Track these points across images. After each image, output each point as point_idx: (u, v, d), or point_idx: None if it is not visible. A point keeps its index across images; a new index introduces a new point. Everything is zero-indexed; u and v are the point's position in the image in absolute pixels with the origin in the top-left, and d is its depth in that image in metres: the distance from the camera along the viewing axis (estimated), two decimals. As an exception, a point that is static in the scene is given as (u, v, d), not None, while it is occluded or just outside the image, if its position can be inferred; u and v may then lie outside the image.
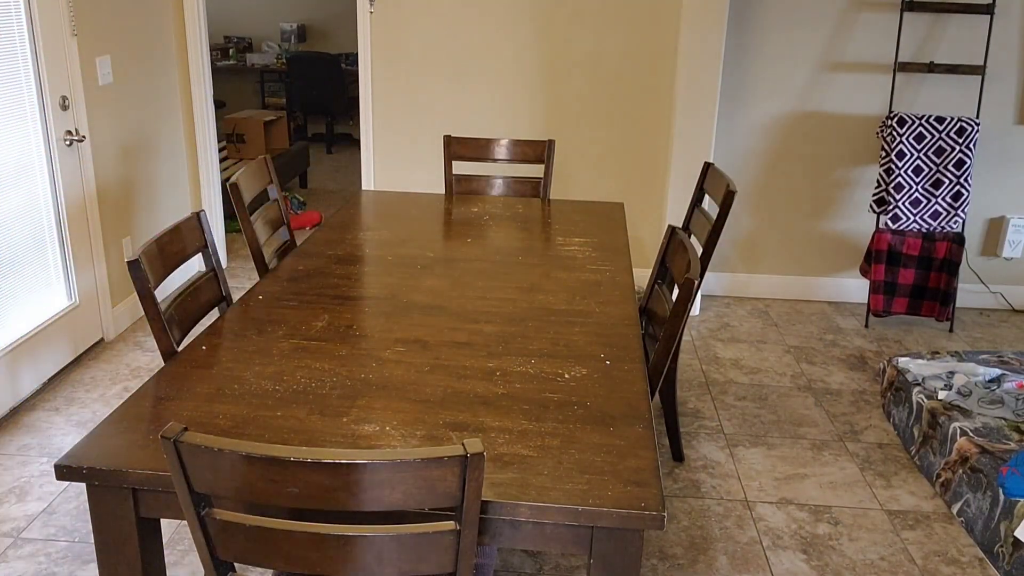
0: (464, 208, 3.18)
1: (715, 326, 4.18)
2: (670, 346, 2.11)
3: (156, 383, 1.79)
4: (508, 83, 4.31)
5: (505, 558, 2.50)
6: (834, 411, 3.40)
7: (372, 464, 1.21)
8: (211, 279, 2.27)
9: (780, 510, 2.77)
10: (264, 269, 2.63)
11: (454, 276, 2.46)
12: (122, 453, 1.53)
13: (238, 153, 5.98)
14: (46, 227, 3.36)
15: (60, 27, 3.32)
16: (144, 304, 1.96)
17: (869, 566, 2.52)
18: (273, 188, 2.86)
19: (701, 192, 3.01)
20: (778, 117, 4.29)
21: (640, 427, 1.67)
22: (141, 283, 1.95)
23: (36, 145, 3.27)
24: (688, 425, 3.26)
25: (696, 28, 3.93)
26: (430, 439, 1.61)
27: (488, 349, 1.99)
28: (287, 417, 1.67)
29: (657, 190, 4.45)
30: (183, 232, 2.20)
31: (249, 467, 1.23)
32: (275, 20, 8.23)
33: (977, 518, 2.62)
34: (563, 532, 1.48)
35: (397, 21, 4.25)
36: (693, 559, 2.52)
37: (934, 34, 4.13)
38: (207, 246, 2.30)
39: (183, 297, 2.14)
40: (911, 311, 4.17)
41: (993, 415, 2.86)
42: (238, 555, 1.34)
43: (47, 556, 2.44)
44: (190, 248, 2.22)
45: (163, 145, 4.24)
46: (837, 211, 4.42)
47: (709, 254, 2.76)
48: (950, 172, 4.01)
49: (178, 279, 4.33)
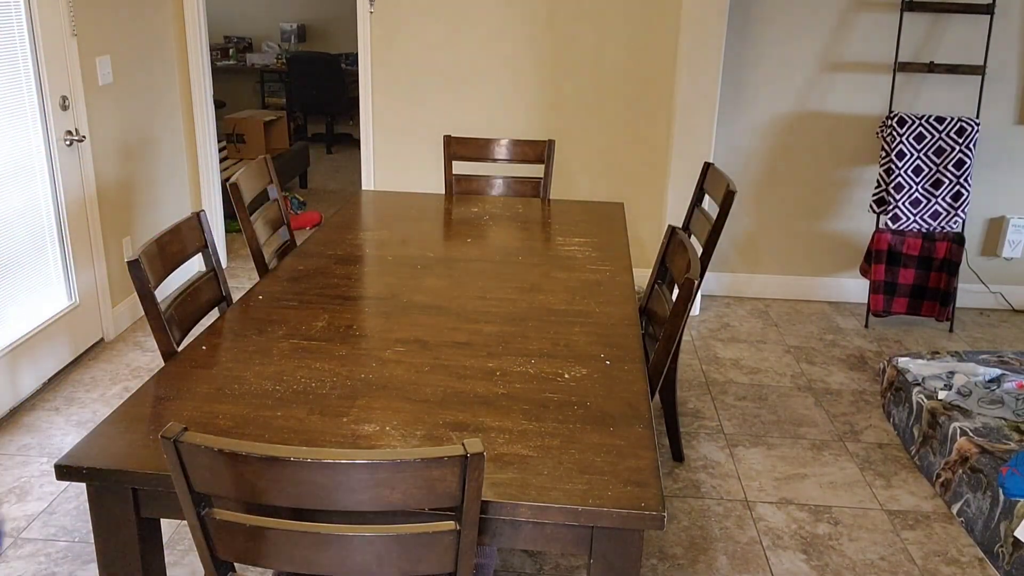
0: (464, 208, 3.18)
1: (715, 326, 4.18)
2: (670, 346, 2.11)
3: (156, 383, 1.79)
4: (508, 83, 4.31)
5: (505, 558, 2.50)
6: (834, 411, 3.40)
7: (372, 464, 1.21)
8: (211, 279, 2.27)
9: (780, 510, 2.77)
10: (264, 269, 2.63)
11: (454, 276, 2.46)
12: (122, 453, 1.53)
13: (238, 153, 5.98)
14: (46, 227, 3.36)
15: (60, 27, 3.32)
16: (144, 304, 1.97)
17: (869, 566, 2.52)
18: (273, 188, 2.87)
19: (701, 192, 3.01)
20: (778, 117, 4.29)
21: (640, 427, 1.67)
22: (141, 283, 1.95)
23: (36, 145, 3.27)
24: (688, 425, 3.26)
25: (696, 28, 3.93)
26: (430, 439, 1.61)
27: (488, 349, 1.99)
28: (287, 417, 1.67)
29: (657, 190, 4.45)
30: (183, 232, 2.20)
31: (249, 467, 1.23)
32: (275, 20, 8.23)
33: (977, 518, 2.62)
34: (563, 532, 1.48)
35: (397, 21, 4.25)
36: (693, 559, 2.52)
37: (934, 34, 4.13)
38: (207, 246, 2.30)
39: (183, 297, 2.15)
40: (911, 311, 4.17)
41: (993, 415, 2.86)
42: (238, 555, 1.34)
43: (47, 556, 2.44)
44: (190, 248, 2.22)
45: (163, 145, 4.24)
46: (837, 211, 4.42)
47: (709, 254, 2.76)
48: (950, 172, 4.01)
49: (178, 279, 4.33)
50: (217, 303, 2.29)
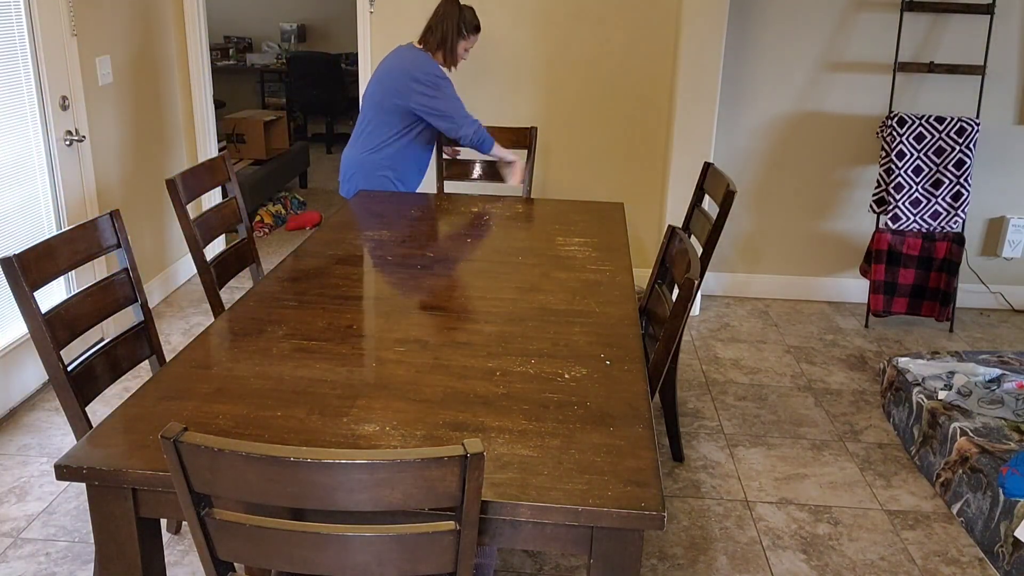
0: (464, 208, 3.18)
1: (715, 326, 4.18)
2: (670, 346, 2.11)
3: (156, 383, 1.79)
4: (508, 83, 4.31)
5: (505, 558, 2.50)
6: (834, 411, 3.40)
7: (372, 464, 1.21)
8: (125, 281, 2.16)
9: (780, 510, 2.77)
10: (204, 265, 2.57)
11: (454, 276, 2.46)
12: (122, 453, 1.53)
13: (238, 153, 5.98)
14: (46, 227, 3.36)
15: (60, 27, 3.32)
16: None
17: (869, 566, 2.52)
18: (232, 186, 2.83)
19: (701, 192, 3.01)
20: (778, 117, 4.29)
21: (640, 427, 1.67)
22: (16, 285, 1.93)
23: (36, 145, 3.27)
24: (688, 425, 3.26)
25: (696, 28, 3.93)
26: (430, 439, 1.61)
27: (488, 349, 1.99)
28: (287, 417, 1.67)
29: (657, 190, 4.45)
30: (89, 233, 2.17)
31: (249, 467, 1.23)
32: (275, 20, 8.23)
33: (977, 518, 2.62)
34: (563, 532, 1.48)
35: (397, 21, 4.25)
36: (693, 559, 2.52)
37: (934, 34, 4.13)
38: (120, 246, 2.17)
39: (78, 298, 2.03)
40: (911, 311, 4.17)
41: (993, 415, 2.86)
42: (238, 555, 1.34)
43: (47, 556, 2.44)
44: (95, 249, 2.13)
45: (163, 145, 4.24)
46: (837, 211, 4.42)
47: (709, 254, 2.76)
48: (950, 172, 4.01)
49: (181, 278, 4.32)
50: (128, 304, 2.18)
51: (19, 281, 1.85)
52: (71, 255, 2.02)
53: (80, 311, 2.02)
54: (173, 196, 2.53)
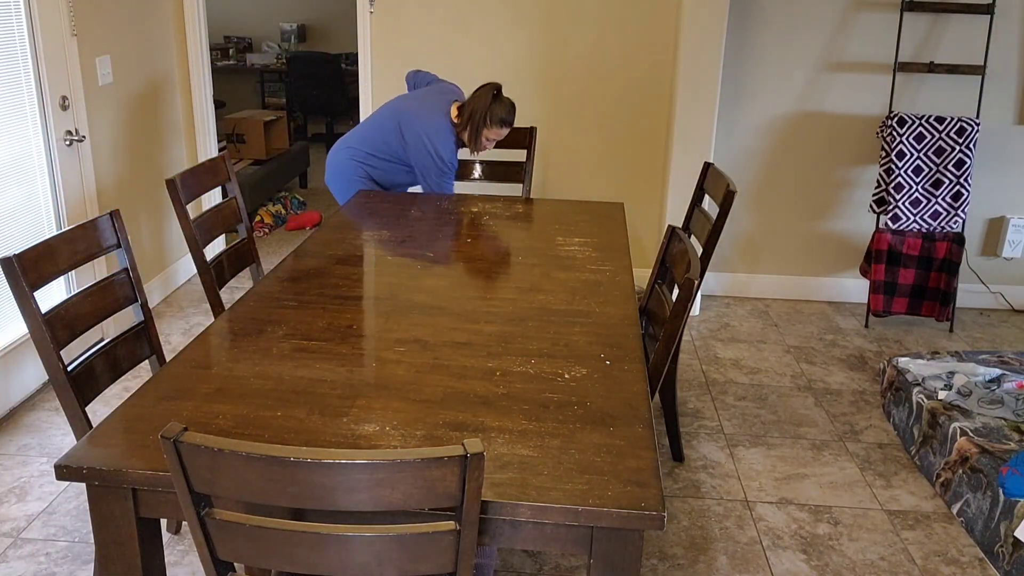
0: (464, 208, 3.18)
1: (715, 326, 4.18)
2: (670, 346, 2.11)
3: (156, 383, 1.79)
4: (508, 83, 4.31)
5: (505, 558, 2.50)
6: (834, 411, 3.40)
7: (372, 464, 1.21)
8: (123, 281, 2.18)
9: (780, 510, 2.77)
10: (204, 263, 2.57)
11: (454, 276, 2.46)
12: (122, 453, 1.53)
13: (238, 153, 5.98)
14: (46, 227, 3.36)
15: (60, 27, 3.32)
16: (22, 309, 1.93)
17: (869, 566, 2.52)
18: (232, 186, 2.83)
19: (701, 192, 3.01)
20: (778, 117, 4.29)
21: (640, 427, 1.67)
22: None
23: (36, 145, 3.27)
24: (688, 425, 3.26)
25: (696, 28, 3.93)
26: (430, 439, 1.61)
27: (488, 349, 1.99)
28: (287, 417, 1.67)
29: (657, 190, 4.45)
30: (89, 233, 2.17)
31: (249, 467, 1.23)
32: (275, 20, 8.23)
33: (977, 518, 2.62)
34: (563, 532, 1.48)
35: (397, 21, 4.25)
36: (693, 559, 2.52)
37: (934, 34, 4.13)
38: (119, 245, 2.17)
39: (78, 298, 2.03)
40: (911, 311, 4.17)
41: (993, 415, 2.86)
42: (238, 555, 1.34)
43: (47, 556, 2.44)
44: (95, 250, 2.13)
45: (163, 145, 4.24)
46: (837, 211, 4.42)
47: (709, 254, 2.76)
48: (950, 172, 4.01)
49: (182, 277, 4.33)
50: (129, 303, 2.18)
51: (19, 281, 1.85)
52: (71, 255, 2.02)
53: (80, 311, 2.02)
54: (173, 196, 2.53)
